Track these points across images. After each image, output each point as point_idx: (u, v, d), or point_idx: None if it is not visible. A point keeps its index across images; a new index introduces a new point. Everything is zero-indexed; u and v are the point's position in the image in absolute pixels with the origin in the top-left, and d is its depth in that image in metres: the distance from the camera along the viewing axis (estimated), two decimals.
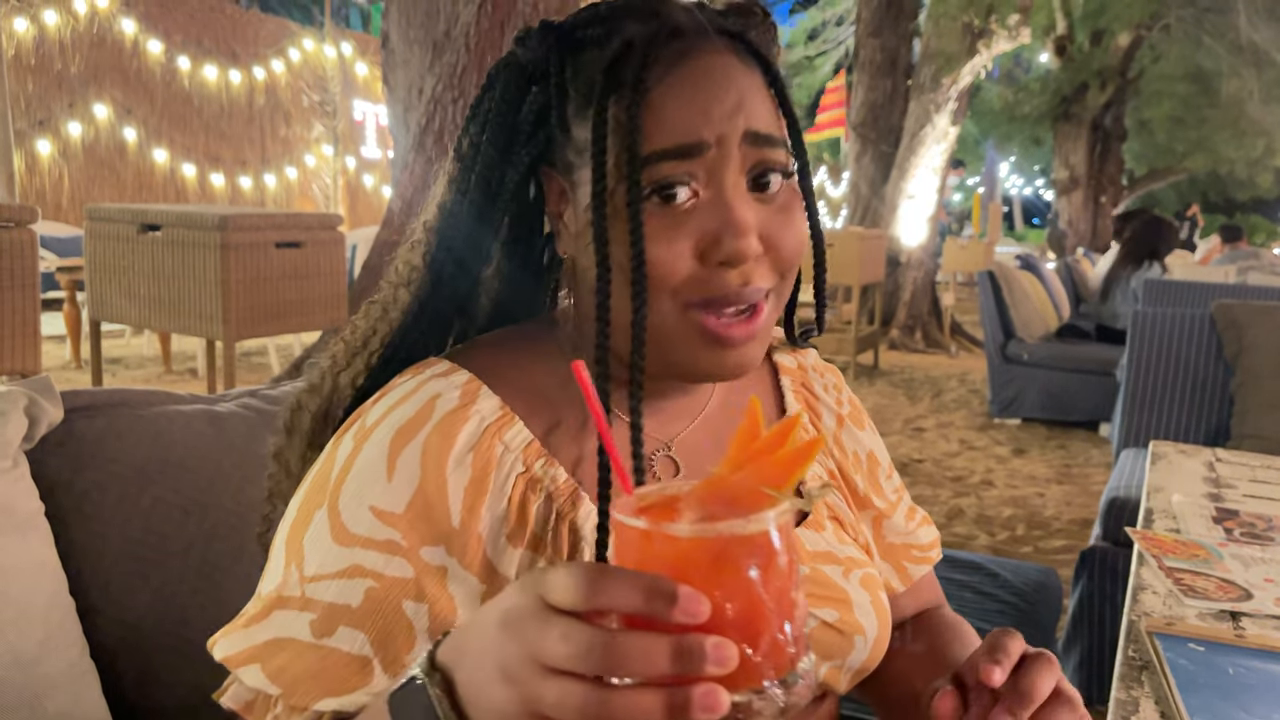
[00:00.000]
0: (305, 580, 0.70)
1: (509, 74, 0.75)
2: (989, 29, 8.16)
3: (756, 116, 0.70)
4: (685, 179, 0.68)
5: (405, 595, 0.69)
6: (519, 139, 0.75)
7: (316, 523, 0.71)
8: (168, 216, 3.06)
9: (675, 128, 0.68)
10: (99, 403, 1.16)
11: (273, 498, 0.84)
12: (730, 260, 0.68)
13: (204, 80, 10.48)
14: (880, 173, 9.20)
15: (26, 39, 8.94)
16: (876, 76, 9.23)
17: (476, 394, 0.74)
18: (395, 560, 0.69)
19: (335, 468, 0.72)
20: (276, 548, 0.73)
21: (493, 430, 0.73)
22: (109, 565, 1.07)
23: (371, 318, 0.80)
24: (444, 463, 0.70)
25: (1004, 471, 4.84)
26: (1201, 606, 1.16)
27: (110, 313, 3.31)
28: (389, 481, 0.70)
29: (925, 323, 9.08)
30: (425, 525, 0.70)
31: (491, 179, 0.75)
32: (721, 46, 0.71)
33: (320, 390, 0.81)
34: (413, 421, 0.71)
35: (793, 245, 0.72)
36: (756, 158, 0.70)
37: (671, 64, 0.69)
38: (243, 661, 0.70)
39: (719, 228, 0.68)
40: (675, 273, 0.68)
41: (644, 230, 0.67)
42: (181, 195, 10.31)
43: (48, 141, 9.18)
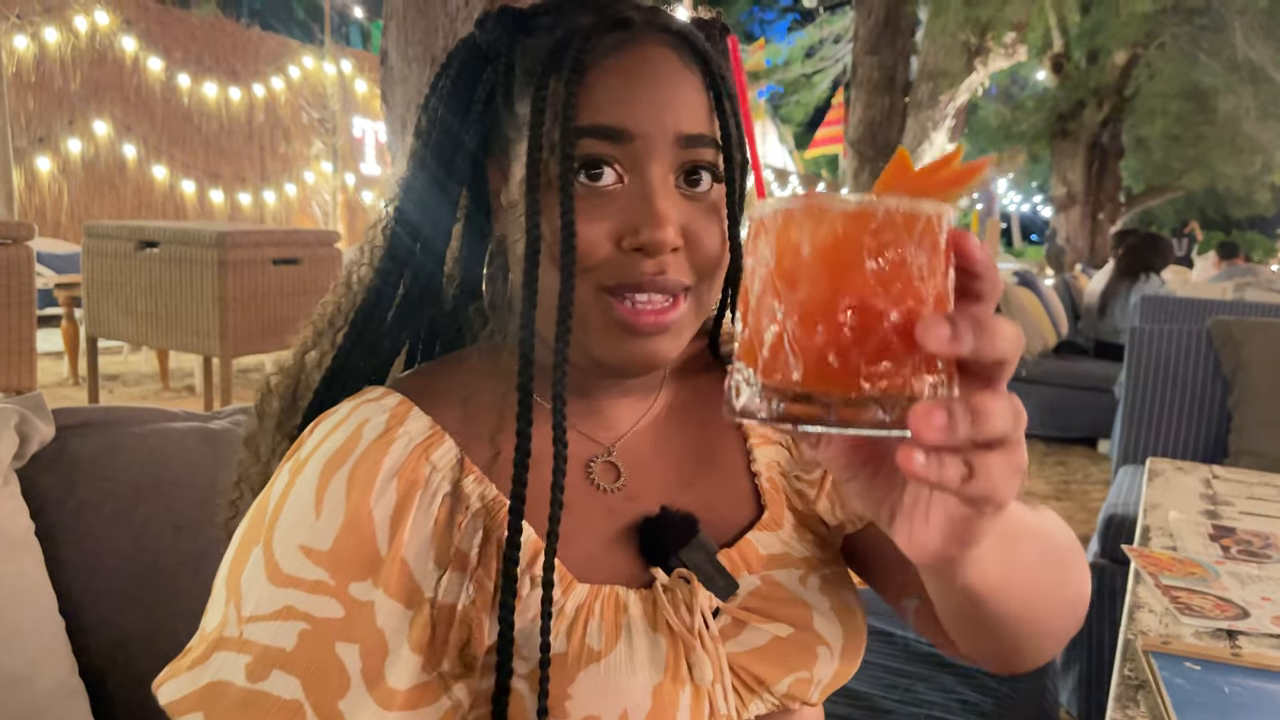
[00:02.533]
0: (243, 620, 0.69)
1: (465, 53, 0.78)
2: (985, 47, 8.20)
3: (688, 118, 0.72)
4: (611, 160, 0.70)
5: (336, 637, 0.68)
6: (471, 117, 0.77)
7: (253, 560, 0.70)
8: (165, 233, 3.07)
9: (604, 109, 0.70)
10: (92, 420, 1.16)
11: (240, 484, 0.83)
12: (645, 249, 0.69)
13: (204, 97, 10.51)
14: None
15: (27, 56, 8.97)
16: (874, 94, 9.26)
17: (405, 415, 0.74)
18: (324, 600, 0.68)
19: (271, 502, 0.71)
20: (218, 583, 0.72)
21: (419, 450, 0.72)
22: (100, 584, 1.06)
23: (337, 294, 0.81)
24: (368, 493, 0.70)
25: None
26: (1198, 625, 1.15)
27: (107, 329, 3.31)
28: (316, 518, 0.69)
29: None
30: (352, 561, 0.69)
31: (444, 155, 0.77)
32: (664, 43, 0.73)
33: (289, 371, 0.81)
34: (340, 452, 0.71)
35: (713, 244, 0.73)
36: (687, 157, 0.72)
37: (611, 50, 0.71)
38: (187, 709, 0.68)
39: (638, 215, 0.69)
40: (592, 253, 0.69)
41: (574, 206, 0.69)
42: (181, 212, 10.33)
43: (47, 158, 9.20)
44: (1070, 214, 13.49)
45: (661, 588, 0.74)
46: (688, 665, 0.73)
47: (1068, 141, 13.32)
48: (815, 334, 0.45)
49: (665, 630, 0.73)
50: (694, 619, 0.74)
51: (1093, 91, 12.86)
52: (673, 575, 0.75)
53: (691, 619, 0.74)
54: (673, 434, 0.84)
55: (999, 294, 0.48)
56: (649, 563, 0.76)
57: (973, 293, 0.48)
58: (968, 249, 0.48)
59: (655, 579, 0.75)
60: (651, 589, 0.75)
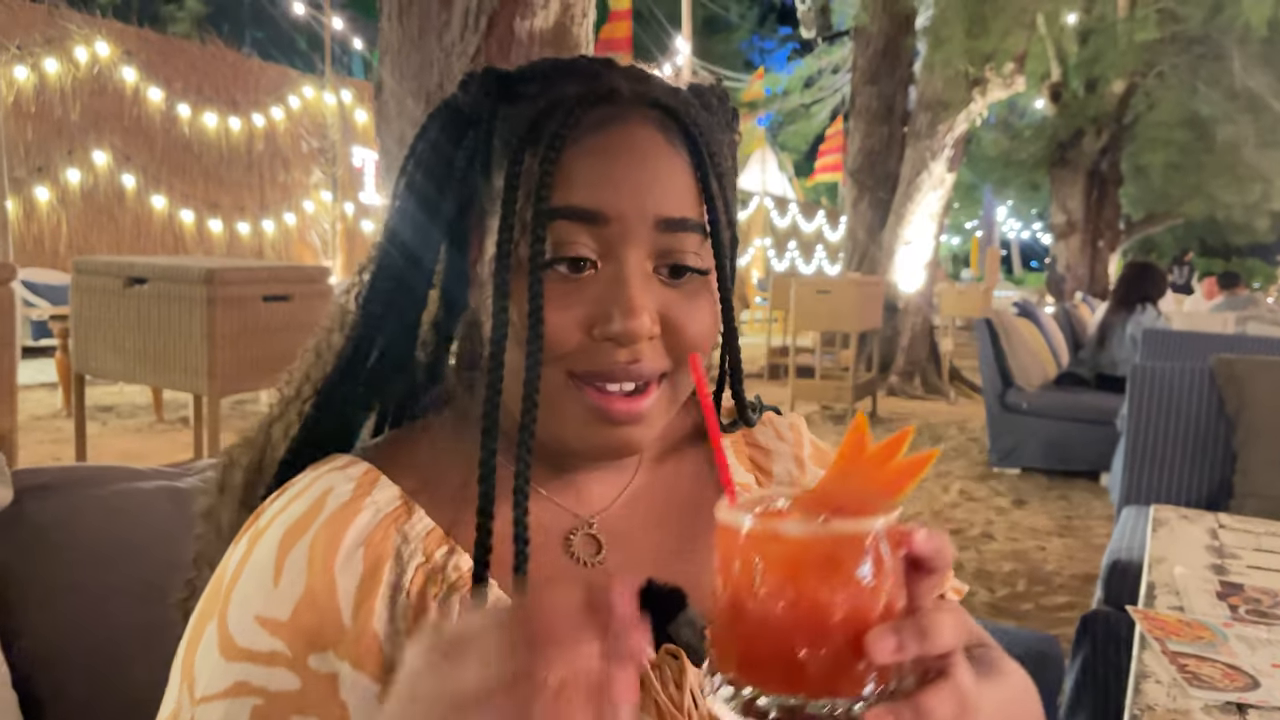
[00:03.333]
0: (195, 703, 0.65)
1: (446, 115, 0.75)
2: (984, 77, 8.21)
3: (669, 201, 0.69)
4: (586, 245, 0.67)
5: (293, 710, 0.64)
6: (449, 185, 0.74)
7: (207, 637, 0.67)
8: (154, 270, 3.04)
9: (579, 190, 0.67)
10: (53, 482, 1.11)
11: (198, 561, 0.80)
12: (618, 339, 0.67)
13: (203, 127, 10.54)
14: (877, 219, 9.22)
15: (27, 87, 9.00)
16: (873, 123, 9.27)
17: (373, 484, 0.71)
18: (279, 673, 0.65)
19: (228, 574, 0.69)
20: (174, 668, 0.69)
21: (388, 521, 0.70)
22: (56, 657, 1.02)
23: (305, 363, 0.78)
24: (331, 562, 0.67)
25: (1004, 523, 4.78)
26: (1207, 698, 1.10)
27: (95, 367, 3.28)
28: (275, 586, 0.66)
29: (924, 368, 9.04)
30: (312, 631, 0.66)
31: (420, 224, 0.74)
32: (651, 120, 0.70)
33: (254, 443, 0.78)
34: (302, 520, 0.68)
35: (696, 331, 0.70)
36: (666, 244, 0.69)
37: (595, 126, 0.68)
38: None
39: (611, 304, 0.67)
40: (563, 341, 0.67)
41: (543, 292, 0.66)
42: (180, 242, 10.33)
43: (46, 188, 9.21)
44: (1070, 242, 13.49)
45: (649, 666, 0.71)
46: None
47: (1067, 170, 13.34)
48: (773, 644, 0.50)
49: (653, 710, 0.70)
50: (683, 696, 0.71)
51: (1091, 120, 12.90)
52: (660, 651, 0.72)
53: (680, 696, 0.70)
54: (657, 505, 0.81)
55: (949, 564, 0.55)
56: None
57: (926, 569, 0.54)
58: (914, 545, 0.53)
59: None
60: None
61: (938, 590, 0.57)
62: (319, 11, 11.60)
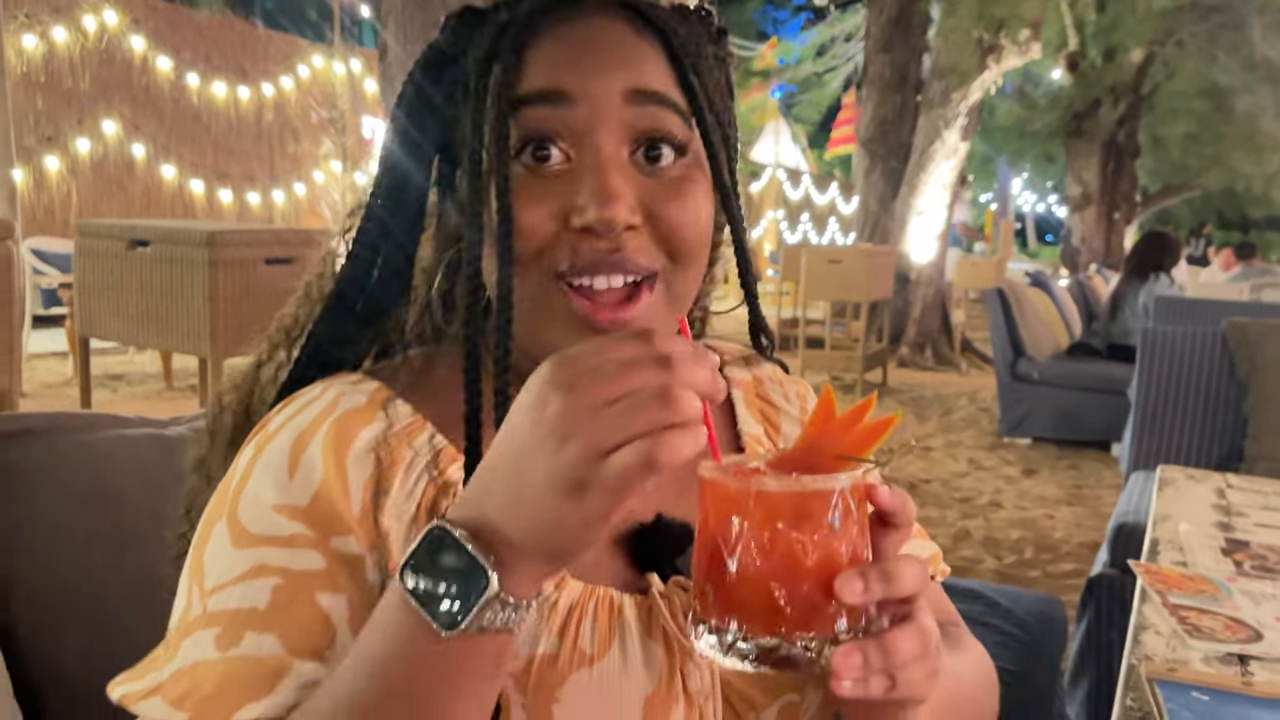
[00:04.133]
0: (206, 595, 0.65)
1: (427, 58, 0.74)
2: (999, 44, 8.10)
3: (640, 75, 0.67)
4: (554, 135, 0.66)
5: (318, 587, 0.64)
6: (431, 122, 0.73)
7: (215, 535, 0.67)
8: (156, 232, 3.03)
9: (543, 74, 0.66)
10: (36, 427, 1.10)
11: (190, 514, 0.79)
12: (594, 227, 0.65)
13: (212, 97, 10.50)
14: (889, 189, 9.14)
15: (36, 56, 8.97)
16: (885, 92, 9.17)
17: (385, 401, 0.71)
18: (303, 553, 0.65)
19: (236, 475, 0.68)
20: (182, 576, 0.68)
21: (401, 435, 0.70)
22: (39, 602, 1.01)
23: (295, 305, 0.78)
24: (343, 456, 0.67)
25: (1013, 492, 4.75)
26: (1207, 649, 1.08)
27: (99, 329, 3.27)
28: (290, 480, 0.66)
29: (935, 340, 8.99)
30: (332, 517, 0.66)
31: (408, 158, 0.74)
32: (614, 14, 0.69)
33: (243, 387, 0.77)
34: (315, 421, 0.68)
35: (682, 221, 0.68)
36: (645, 123, 0.67)
37: (558, 23, 0.68)
38: (142, 696, 0.63)
39: (584, 191, 0.65)
40: (534, 235, 0.66)
41: (514, 190, 0.65)
42: (190, 212, 10.32)
43: (56, 158, 9.20)
44: (1085, 214, 13.36)
45: (659, 594, 0.71)
46: (681, 676, 0.69)
47: (1083, 140, 13.20)
48: (751, 591, 0.55)
49: (660, 638, 0.70)
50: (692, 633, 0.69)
51: (1109, 90, 12.74)
52: (668, 583, 0.72)
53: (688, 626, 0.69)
54: None
55: (912, 520, 0.60)
56: (643, 570, 0.72)
57: (891, 524, 0.59)
58: (879, 500, 0.58)
59: (651, 586, 0.71)
60: (647, 595, 0.71)
61: (902, 544, 0.60)
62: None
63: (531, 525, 0.53)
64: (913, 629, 0.58)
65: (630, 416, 0.50)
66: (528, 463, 0.52)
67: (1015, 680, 1.76)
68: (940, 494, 4.67)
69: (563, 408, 0.51)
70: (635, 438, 0.50)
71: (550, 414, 0.51)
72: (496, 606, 0.54)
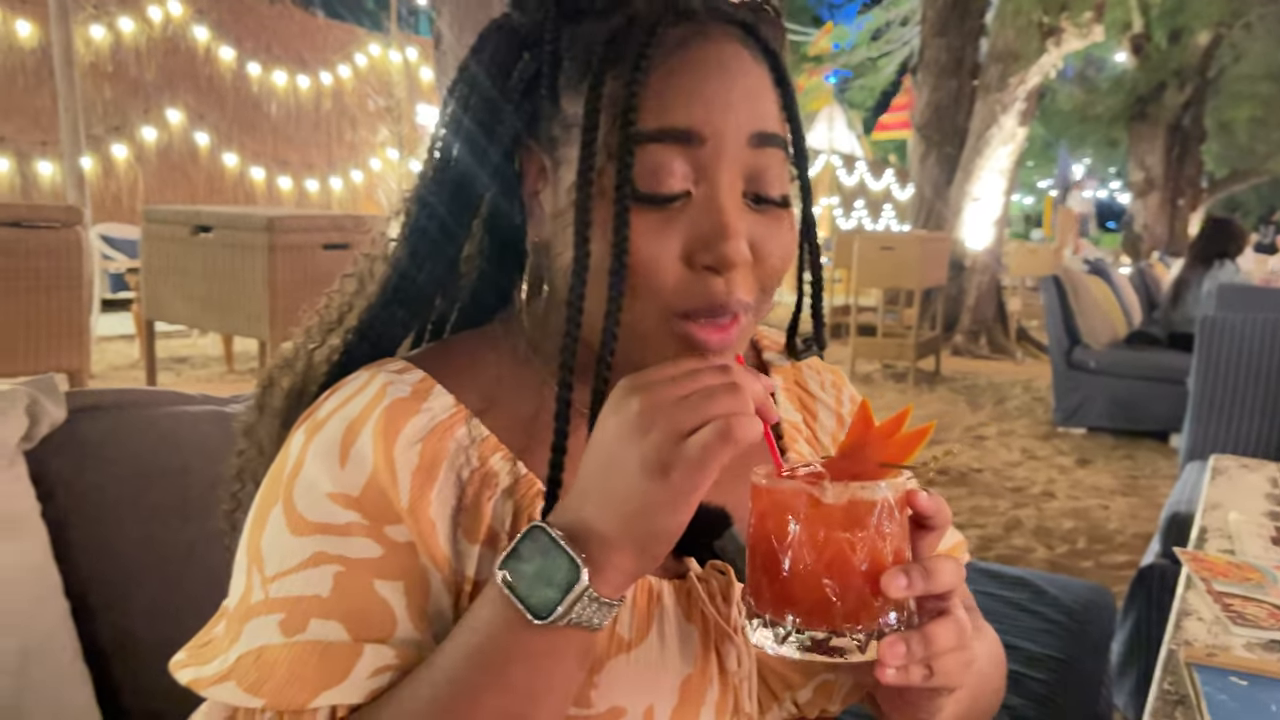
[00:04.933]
0: (268, 581, 0.67)
1: (500, 37, 0.72)
2: (1060, 27, 7.94)
3: (763, 116, 0.67)
4: (680, 170, 0.65)
5: (375, 574, 0.66)
6: (505, 108, 0.71)
7: (273, 521, 0.68)
8: (218, 218, 3.11)
9: (673, 111, 0.64)
10: (104, 403, 1.15)
11: (242, 475, 0.82)
12: (717, 265, 0.65)
13: (273, 86, 10.69)
14: (944, 175, 9.02)
15: (104, 46, 9.20)
16: (941, 77, 9.05)
17: (429, 392, 0.71)
18: (359, 541, 0.66)
19: (289, 463, 0.70)
20: (238, 559, 0.71)
21: (444, 427, 0.70)
22: (107, 568, 1.06)
23: (347, 292, 0.78)
24: (393, 443, 0.68)
25: (1066, 482, 4.69)
26: (1250, 635, 1.08)
27: (164, 312, 3.37)
28: (342, 468, 0.67)
29: (990, 328, 8.87)
30: (383, 506, 0.67)
31: (473, 147, 0.72)
32: (733, 35, 0.68)
33: (294, 366, 0.78)
34: (364, 411, 0.69)
35: (779, 257, 0.69)
36: (758, 162, 0.67)
37: (677, 45, 0.65)
38: (214, 681, 0.66)
39: (709, 229, 0.65)
40: (662, 276, 0.65)
41: (630, 222, 0.64)
42: (250, 199, 10.53)
43: (123, 146, 9.44)
44: (1148, 200, 13.07)
45: (696, 578, 0.73)
46: (718, 656, 0.72)
47: (1146, 125, 12.90)
48: (802, 587, 0.60)
49: (698, 620, 0.72)
50: (730, 610, 0.73)
51: (1174, 73, 12.43)
52: (706, 567, 0.74)
53: (727, 610, 0.73)
54: None
55: (948, 523, 0.66)
56: (681, 555, 0.74)
57: (928, 526, 0.65)
58: (918, 505, 0.63)
59: (689, 570, 0.73)
60: (685, 580, 0.73)
61: (939, 544, 0.66)
62: None
63: (622, 515, 0.59)
64: (950, 621, 0.63)
65: (704, 402, 0.58)
66: (617, 457, 0.59)
67: (1061, 668, 1.75)
68: (992, 483, 4.63)
69: (642, 405, 0.59)
70: (710, 420, 0.57)
71: (632, 412, 0.59)
72: (585, 601, 0.59)
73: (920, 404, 6.42)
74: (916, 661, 0.61)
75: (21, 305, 2.16)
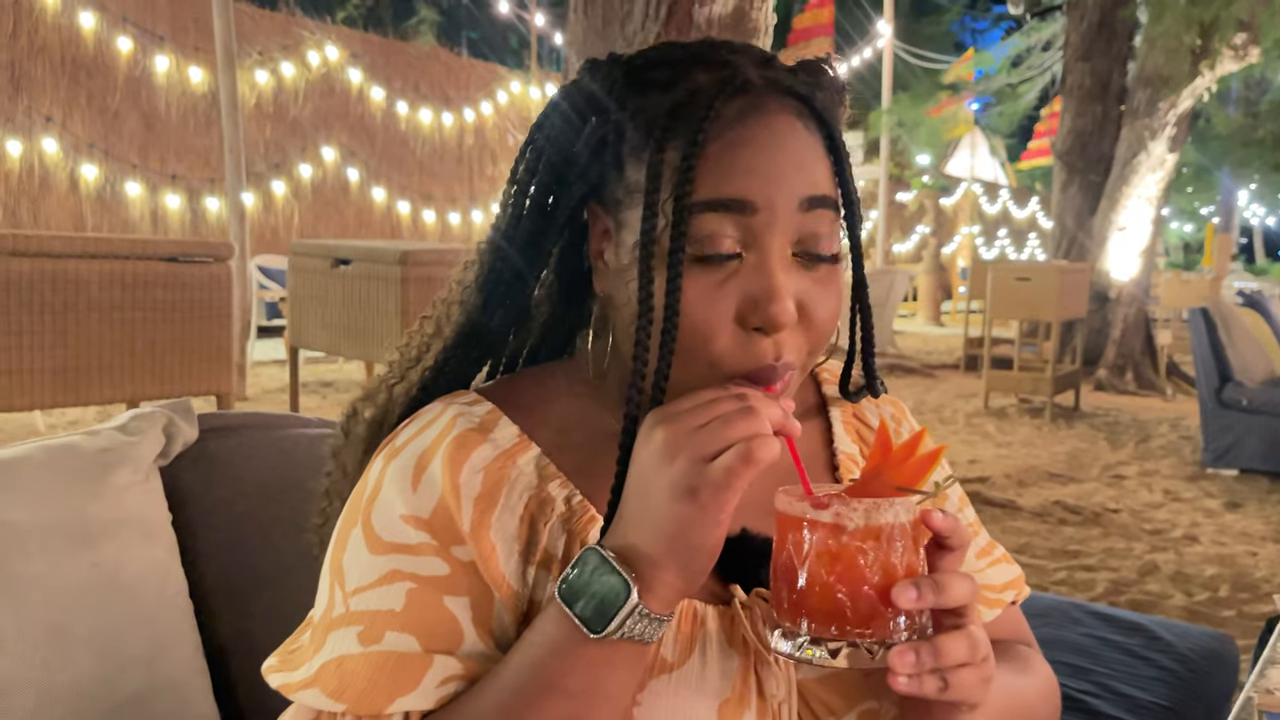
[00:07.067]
0: (348, 595, 0.74)
1: (571, 102, 0.77)
2: (1212, 48, 7.59)
3: (814, 182, 0.71)
4: (731, 236, 0.69)
5: (444, 591, 0.72)
6: (573, 169, 0.76)
7: (353, 541, 0.75)
8: (356, 251, 3.29)
9: (728, 182, 0.69)
10: (232, 425, 1.27)
11: (329, 494, 0.89)
12: (766, 326, 0.69)
13: (419, 123, 11.20)
14: (1088, 204, 8.71)
15: (267, 89, 9.84)
16: (1085, 102, 8.76)
17: (495, 423, 0.77)
18: (429, 560, 0.72)
19: (368, 487, 0.77)
20: (323, 574, 0.78)
21: (507, 454, 0.76)
22: (228, 574, 1.17)
23: (425, 334, 0.85)
24: (459, 471, 0.74)
25: (1212, 526, 4.45)
26: None
27: (307, 340, 3.58)
28: (414, 492, 0.74)
29: (1138, 362, 8.48)
30: (451, 526, 0.73)
31: (544, 205, 0.78)
32: (788, 107, 0.72)
33: (375, 399, 0.85)
34: (435, 441, 0.75)
35: (826, 316, 0.73)
36: (808, 224, 0.71)
37: (735, 118, 0.70)
38: (301, 686, 0.73)
39: (758, 291, 0.69)
40: (715, 337, 0.70)
41: (684, 286, 0.69)
42: (396, 231, 11.03)
43: (282, 182, 10.05)
44: None
45: (740, 605, 0.76)
46: (758, 681, 0.74)
47: None
48: (820, 599, 0.64)
49: (740, 646, 0.75)
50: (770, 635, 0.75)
51: None
52: (751, 594, 0.77)
53: (768, 636, 0.75)
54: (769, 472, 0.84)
55: (966, 542, 0.69)
56: (728, 581, 0.77)
57: (946, 546, 0.68)
58: (933, 524, 0.67)
59: (734, 596, 0.76)
60: (730, 606, 0.76)
61: (959, 564, 0.69)
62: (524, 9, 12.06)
63: (661, 537, 0.65)
64: (962, 635, 0.66)
65: (723, 428, 0.63)
66: (649, 485, 0.65)
67: (1169, 717, 1.69)
68: (1129, 524, 4.43)
69: (666, 435, 0.65)
70: (730, 445, 0.62)
71: (658, 442, 0.65)
72: (636, 617, 0.65)
73: (1056, 440, 6.20)
74: (927, 671, 0.64)
75: (177, 333, 2.37)
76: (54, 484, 1.06)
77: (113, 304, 2.38)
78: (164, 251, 2.35)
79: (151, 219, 9.03)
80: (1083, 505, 4.64)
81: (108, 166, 8.73)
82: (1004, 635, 0.93)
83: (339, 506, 0.82)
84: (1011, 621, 0.94)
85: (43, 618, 0.99)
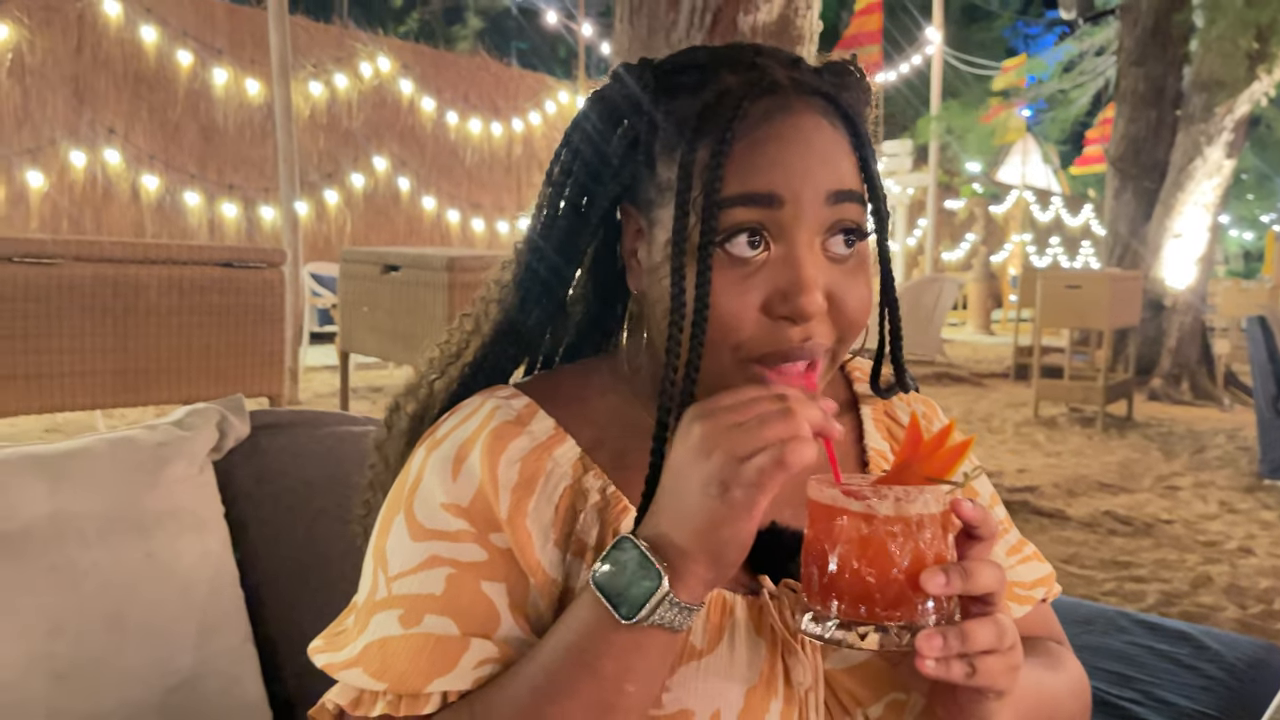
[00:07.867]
0: (390, 580, 0.76)
1: (603, 105, 0.80)
2: (1271, 52, 7.44)
3: (840, 177, 0.73)
4: (758, 229, 0.71)
5: (482, 576, 0.74)
6: (606, 170, 0.79)
7: (395, 528, 0.78)
8: (405, 258, 3.35)
9: (754, 175, 0.71)
10: (282, 422, 1.32)
11: (373, 486, 0.92)
12: (794, 316, 0.71)
13: (469, 133, 11.34)
14: (1142, 211, 8.56)
15: (321, 101, 10.03)
16: (1139, 107, 8.62)
17: (532, 416, 0.80)
18: (468, 546, 0.75)
19: (410, 477, 0.80)
20: (366, 560, 0.81)
21: (543, 447, 0.78)
22: (277, 564, 1.21)
23: (464, 330, 0.87)
24: (496, 461, 0.76)
25: (1268, 539, 4.36)
26: None
27: (357, 345, 3.65)
28: (454, 481, 0.76)
29: (1194, 372, 8.31)
30: (489, 514, 0.75)
31: (578, 206, 0.81)
32: (814, 106, 0.74)
33: (417, 394, 0.88)
34: (475, 432, 0.78)
35: (856, 305, 0.74)
36: (835, 217, 0.73)
37: (762, 117, 0.72)
38: (345, 666, 0.76)
39: (787, 283, 0.71)
40: (741, 327, 0.72)
41: (713, 279, 0.71)
42: (446, 239, 11.17)
43: (334, 191, 10.23)
44: None
45: (769, 596, 0.78)
46: (785, 669, 0.76)
47: None
48: (851, 584, 0.66)
49: (768, 635, 0.77)
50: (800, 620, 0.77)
51: None
52: (780, 585, 0.79)
53: (797, 626, 0.77)
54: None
55: (994, 532, 0.70)
56: (757, 573, 0.79)
57: (976, 536, 0.69)
58: (961, 513, 0.68)
59: (763, 587, 0.78)
60: (759, 596, 0.78)
61: (988, 553, 0.70)
62: (572, 20, 12.16)
63: (693, 529, 0.66)
64: (989, 621, 0.67)
65: (759, 428, 0.64)
66: (684, 478, 0.67)
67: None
68: (1182, 535, 4.35)
69: (704, 431, 0.66)
70: (766, 446, 0.63)
71: (695, 437, 0.66)
72: (667, 605, 0.67)
73: (1108, 450, 6.10)
74: (954, 655, 0.65)
75: (230, 336, 2.45)
76: (112, 476, 1.11)
77: (170, 308, 2.46)
78: (219, 257, 2.43)
79: (209, 228, 9.26)
80: (1134, 516, 4.56)
81: (167, 177, 8.96)
82: (1035, 632, 0.93)
83: (382, 497, 0.85)
84: (1042, 618, 0.95)
85: (100, 605, 1.04)
